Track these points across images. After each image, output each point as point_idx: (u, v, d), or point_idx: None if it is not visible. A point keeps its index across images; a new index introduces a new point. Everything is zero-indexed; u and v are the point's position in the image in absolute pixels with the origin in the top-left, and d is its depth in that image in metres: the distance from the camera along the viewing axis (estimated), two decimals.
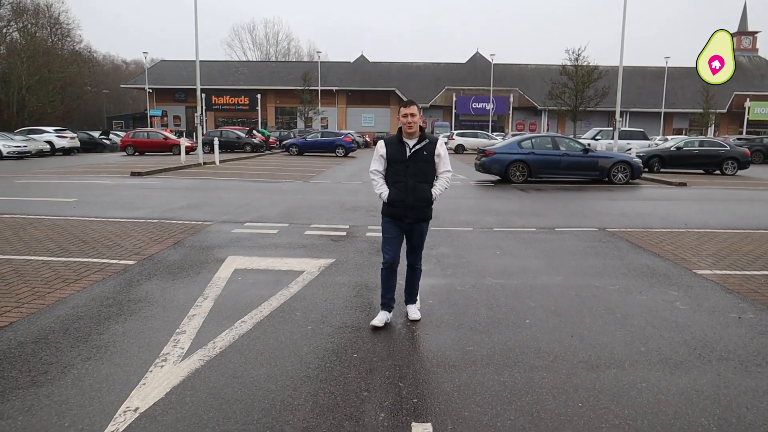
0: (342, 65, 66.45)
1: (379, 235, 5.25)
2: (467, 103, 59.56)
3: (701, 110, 52.49)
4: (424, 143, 4.22)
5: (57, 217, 9.19)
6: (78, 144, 33.00)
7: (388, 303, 4.44)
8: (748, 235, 8.46)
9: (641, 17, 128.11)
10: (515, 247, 7.52)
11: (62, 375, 3.46)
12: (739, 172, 21.45)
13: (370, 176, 4.42)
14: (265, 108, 59.82)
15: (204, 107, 29.83)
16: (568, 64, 41.46)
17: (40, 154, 28.72)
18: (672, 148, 22.03)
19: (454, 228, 8.78)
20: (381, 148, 4.32)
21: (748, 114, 50.41)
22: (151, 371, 3.52)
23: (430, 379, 3.50)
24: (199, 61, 23.91)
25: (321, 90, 57.80)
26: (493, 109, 57.58)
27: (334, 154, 31.97)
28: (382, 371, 3.59)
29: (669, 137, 33.93)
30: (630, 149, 22.63)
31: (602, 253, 7.20)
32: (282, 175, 19.13)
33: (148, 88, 58.64)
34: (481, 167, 17.08)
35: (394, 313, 4.55)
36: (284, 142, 36.05)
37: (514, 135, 36.80)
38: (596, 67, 40.69)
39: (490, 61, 58.21)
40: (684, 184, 17.11)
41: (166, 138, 32.94)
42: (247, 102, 58.74)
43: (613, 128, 25.40)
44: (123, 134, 36.68)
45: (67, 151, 31.92)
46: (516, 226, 9.08)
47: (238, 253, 6.77)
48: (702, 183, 17.95)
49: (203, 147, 25.09)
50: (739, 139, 32.39)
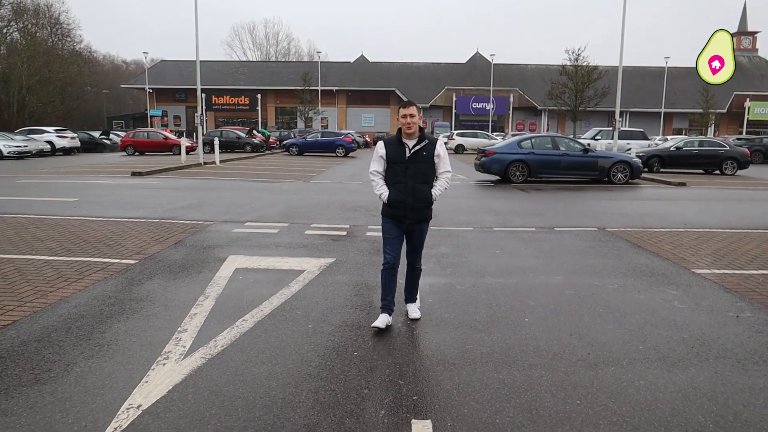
0: (342, 65, 66.50)
1: (379, 234, 5.28)
2: (467, 103, 59.61)
3: (701, 110, 52.55)
4: (423, 144, 4.22)
5: (58, 216, 9.22)
6: (78, 144, 33.07)
7: (388, 306, 4.39)
8: (747, 235, 8.49)
9: (641, 17, 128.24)
10: (515, 246, 7.55)
11: (65, 373, 3.49)
12: (739, 172, 21.49)
13: (370, 177, 4.42)
14: (265, 108, 59.86)
15: (204, 107, 29.85)
16: (568, 64, 41.51)
17: (41, 154, 28.78)
18: (671, 148, 22.07)
19: (454, 227, 8.81)
20: (380, 148, 4.31)
21: (747, 114, 50.46)
22: (154, 369, 3.55)
23: (430, 377, 3.53)
24: (199, 61, 23.94)
25: (321, 90, 57.84)
26: (493, 109, 57.63)
27: (334, 154, 32.01)
28: (382, 369, 3.63)
29: (669, 137, 33.96)
30: (630, 149, 22.65)
31: (601, 252, 7.23)
32: (282, 175, 19.16)
33: (149, 88, 58.71)
34: (481, 167, 17.12)
35: (394, 311, 4.56)
36: (284, 142, 36.10)
37: (514, 135, 36.83)
38: (596, 67, 40.73)
39: (490, 61, 58.26)
40: (683, 184, 17.14)
41: (166, 138, 32.98)
42: (247, 102, 58.79)
43: (612, 128, 25.43)
44: (123, 134, 36.73)
45: (67, 151, 31.99)
46: (516, 226, 9.11)
47: (238, 253, 6.81)
48: (701, 183, 17.98)
49: (203, 147, 25.12)
50: (738, 139, 32.43)
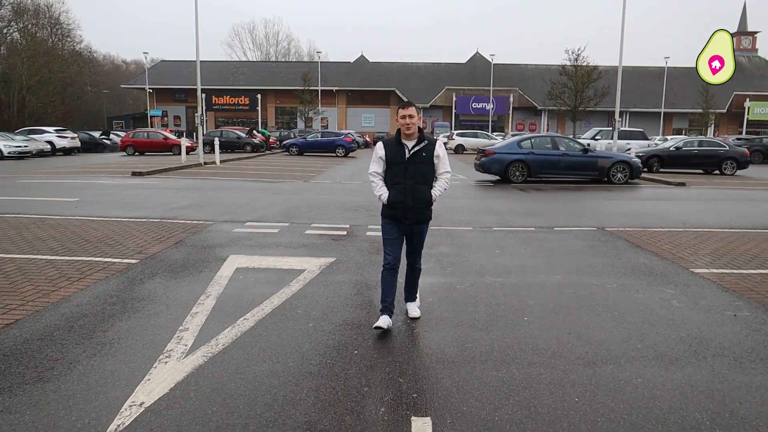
0: (342, 65, 66.52)
1: (379, 234, 5.31)
2: (467, 103, 59.64)
3: (701, 110, 52.59)
4: (423, 144, 4.22)
5: (59, 216, 9.25)
6: (78, 144, 33.12)
7: (388, 307, 4.34)
8: (745, 235, 8.52)
9: (641, 17, 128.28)
10: (514, 246, 7.58)
11: (68, 371, 3.52)
12: (738, 172, 21.51)
13: (370, 178, 4.43)
14: (265, 108, 59.89)
15: (204, 107, 29.88)
16: (568, 64, 41.55)
17: (41, 154, 28.82)
18: (671, 148, 22.10)
19: (454, 227, 8.84)
20: (380, 149, 4.31)
21: (747, 114, 50.48)
22: (156, 367, 3.58)
23: (430, 375, 3.56)
24: (199, 61, 23.96)
25: (321, 90, 57.87)
26: (493, 109, 57.65)
27: (334, 154, 32.04)
28: (382, 367, 3.66)
29: (668, 137, 33.99)
30: (629, 149, 22.69)
31: (600, 252, 7.26)
32: (282, 175, 19.19)
33: (149, 88, 58.74)
34: (481, 167, 17.15)
35: (394, 312, 4.57)
36: (284, 142, 36.13)
37: (513, 135, 36.86)
38: (596, 67, 40.77)
39: (490, 61, 58.29)
40: (683, 184, 17.17)
41: (165, 138, 33.01)
42: (248, 102, 58.83)
43: (612, 128, 25.47)
44: (123, 134, 36.76)
45: (67, 151, 32.03)
46: (515, 226, 9.14)
47: (239, 252, 6.84)
48: (701, 183, 18.01)
49: (204, 147, 25.16)
50: (738, 139, 32.47)
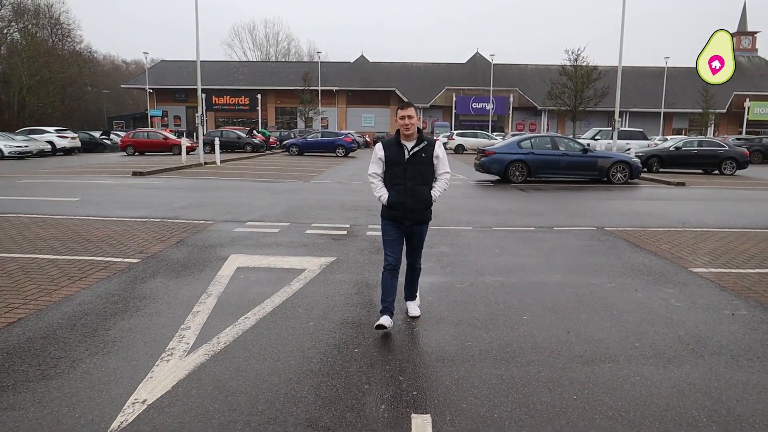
0: (342, 65, 66.55)
1: (379, 234, 5.34)
2: (467, 103, 59.67)
3: (701, 110, 52.61)
4: (422, 145, 4.23)
5: (61, 216, 9.28)
6: (79, 144, 33.16)
7: (388, 308, 4.31)
8: (744, 234, 8.55)
9: (641, 17, 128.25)
10: (514, 245, 7.61)
11: (71, 369, 3.55)
12: (738, 172, 21.54)
13: (369, 179, 4.43)
14: (265, 108, 59.94)
15: (204, 107, 29.90)
16: (568, 64, 41.60)
17: (41, 154, 28.86)
18: (671, 148, 22.13)
19: (454, 227, 8.87)
20: (379, 150, 4.31)
21: (747, 114, 50.53)
22: (158, 365, 3.61)
23: (430, 373, 3.60)
24: (199, 61, 23.99)
25: (321, 90, 57.92)
26: (493, 109, 57.69)
27: (335, 154, 32.08)
28: (382, 365, 3.69)
29: (668, 137, 34.03)
30: (629, 149, 22.72)
31: (600, 251, 7.29)
32: (283, 175, 19.22)
33: (149, 89, 58.79)
34: (481, 167, 17.18)
35: (394, 312, 4.58)
36: (285, 142, 36.15)
37: (513, 135, 36.90)
38: (595, 68, 40.83)
39: (490, 61, 58.31)
40: (682, 184, 17.20)
41: (165, 138, 33.04)
42: (248, 102, 58.90)
43: (612, 128, 25.50)
44: (123, 134, 36.80)
45: (68, 151, 32.07)
46: (515, 226, 9.17)
47: (240, 252, 6.87)
48: (700, 183, 18.04)
49: (204, 147, 25.19)
50: (738, 139, 32.50)
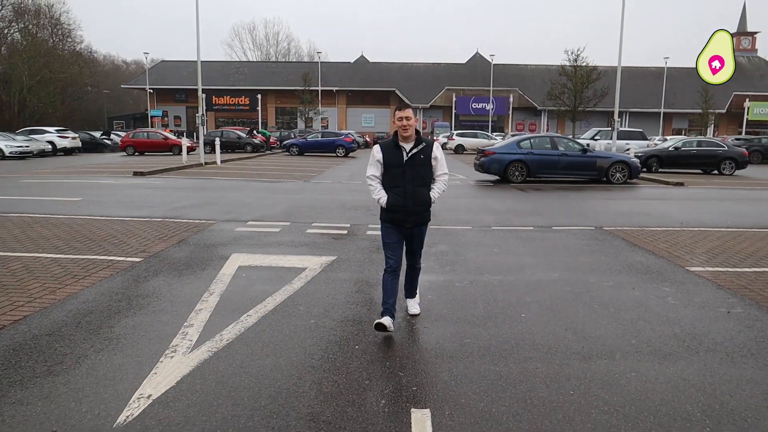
0: (342, 65, 66.59)
1: (379, 233, 5.40)
2: (467, 103, 59.72)
3: (700, 110, 52.66)
4: (420, 147, 4.23)
5: (63, 216, 9.35)
6: (79, 144, 33.24)
7: (389, 309, 4.28)
8: (741, 234, 8.62)
9: (641, 17, 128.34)
10: (513, 245, 7.68)
11: (77, 365, 3.61)
12: (737, 172, 21.60)
13: (367, 182, 4.42)
14: (265, 108, 59.97)
15: (205, 107, 29.96)
16: (567, 64, 41.65)
17: (42, 154, 28.95)
18: (670, 148, 22.19)
19: (453, 226, 8.94)
20: (377, 153, 4.30)
21: (747, 114, 50.60)
22: (162, 361, 3.68)
23: (429, 369, 3.66)
24: (200, 61, 24.05)
25: (321, 90, 57.97)
26: (492, 109, 57.74)
27: (335, 154, 32.14)
28: (382, 361, 3.75)
29: (668, 137, 34.09)
30: (628, 149, 22.78)
31: (598, 250, 7.35)
32: (283, 174, 19.29)
33: (149, 89, 58.80)
34: (481, 167, 17.25)
35: (395, 313, 4.58)
36: (285, 142, 36.22)
37: (513, 135, 36.96)
38: (595, 68, 40.86)
39: (490, 61, 58.36)
40: (681, 184, 17.26)
41: (165, 138, 33.10)
42: (248, 102, 58.95)
43: (611, 128, 25.56)
44: (124, 134, 36.86)
45: (68, 152, 32.15)
46: (514, 225, 9.23)
47: (241, 251, 6.93)
48: (699, 183, 18.10)
49: (204, 147, 25.26)
50: (737, 139, 32.57)
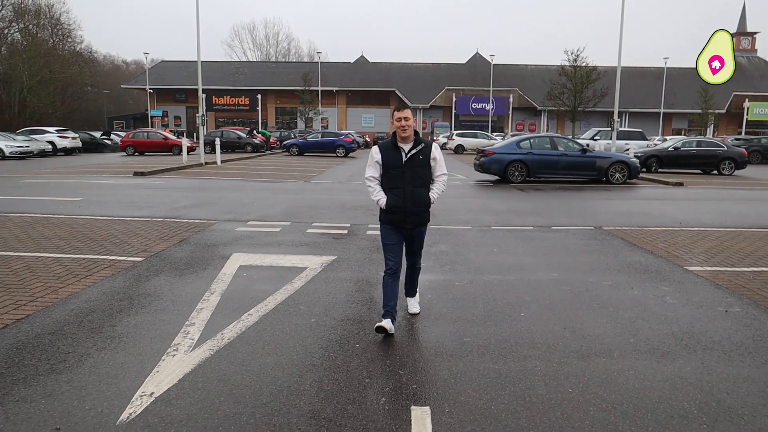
0: (342, 65, 66.61)
1: (379, 233, 5.43)
2: (467, 103, 59.74)
3: (700, 111, 52.69)
4: (419, 147, 4.22)
5: (64, 215, 9.37)
6: (79, 144, 33.27)
7: (390, 312, 4.22)
8: (740, 233, 8.65)
9: (641, 17, 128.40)
10: (513, 244, 7.71)
11: (80, 363, 3.64)
12: (736, 172, 21.63)
13: (366, 183, 4.40)
14: (265, 108, 60.00)
15: (205, 107, 29.99)
16: (567, 64, 41.67)
17: (42, 154, 28.99)
18: (670, 149, 22.22)
19: (453, 226, 8.97)
20: (376, 154, 4.26)
21: (747, 114, 50.65)
22: (164, 360, 3.71)
23: (429, 367, 3.69)
24: (200, 61, 24.08)
25: (321, 90, 58.00)
26: (492, 109, 57.77)
27: (335, 155, 32.18)
28: (383, 360, 3.78)
29: (668, 137, 34.12)
30: (628, 149, 22.81)
31: (597, 250, 7.38)
32: (283, 174, 19.32)
33: (149, 89, 58.81)
34: (480, 167, 17.28)
35: (396, 316, 4.51)
36: (285, 142, 36.25)
37: (513, 135, 36.99)
38: (595, 68, 40.87)
39: (490, 61, 58.38)
40: (681, 184, 17.29)
41: (165, 138, 33.13)
42: (248, 102, 59.01)
43: (611, 128, 25.59)
44: (124, 134, 36.89)
45: (68, 152, 32.18)
46: (514, 225, 9.26)
47: (242, 251, 6.96)
48: (699, 183, 18.13)
49: (204, 147, 25.29)
50: (737, 139, 32.60)
